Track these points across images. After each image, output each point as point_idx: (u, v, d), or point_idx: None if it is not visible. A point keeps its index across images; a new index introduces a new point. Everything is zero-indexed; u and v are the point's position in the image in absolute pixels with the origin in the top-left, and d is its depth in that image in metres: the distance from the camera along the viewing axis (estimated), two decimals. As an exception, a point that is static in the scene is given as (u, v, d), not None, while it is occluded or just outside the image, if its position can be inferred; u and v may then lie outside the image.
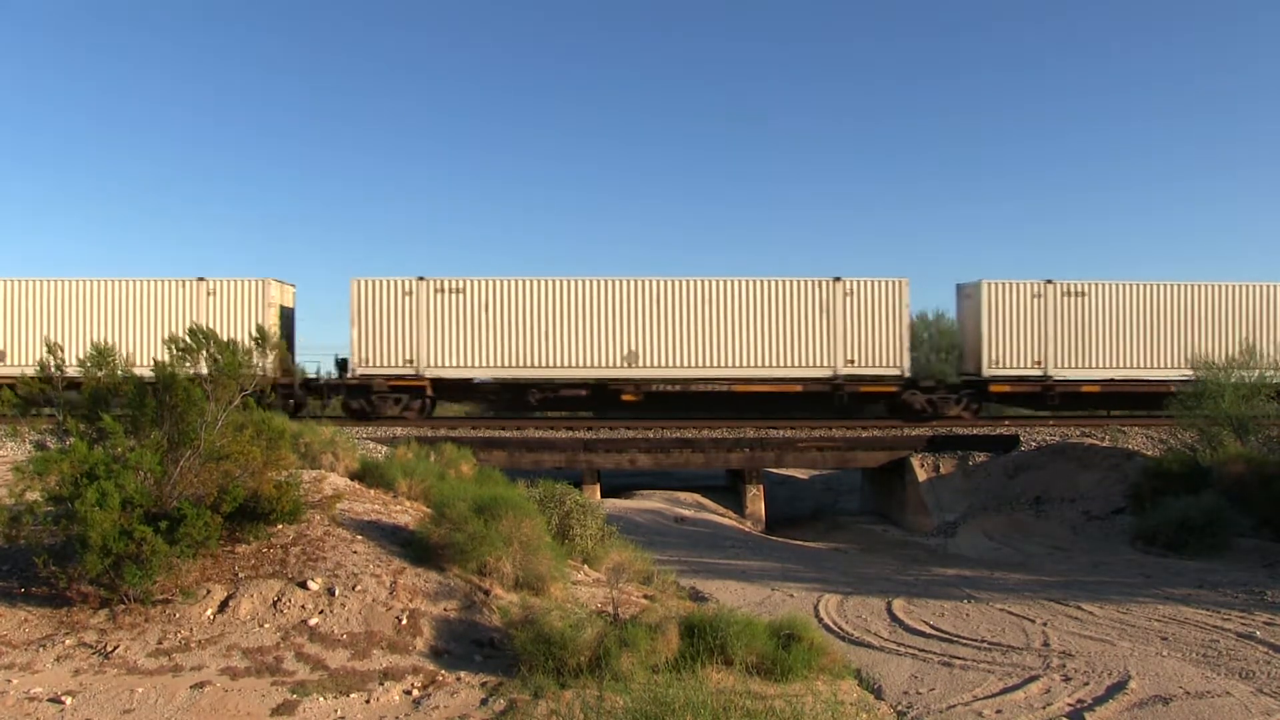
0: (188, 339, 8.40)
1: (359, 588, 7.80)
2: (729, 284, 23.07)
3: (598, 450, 21.54)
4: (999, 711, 6.59)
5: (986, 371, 23.04)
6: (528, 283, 23.06)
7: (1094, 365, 23.07)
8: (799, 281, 23.17)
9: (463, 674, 6.93)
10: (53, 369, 8.25)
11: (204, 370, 8.21)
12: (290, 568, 8.00)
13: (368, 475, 12.15)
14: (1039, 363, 23.02)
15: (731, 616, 7.39)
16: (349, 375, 22.97)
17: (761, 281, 23.18)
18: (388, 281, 23.00)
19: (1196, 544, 14.00)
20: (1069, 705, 6.68)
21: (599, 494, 20.51)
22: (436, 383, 23.04)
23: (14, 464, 7.80)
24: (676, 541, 15.73)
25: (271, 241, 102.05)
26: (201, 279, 23.09)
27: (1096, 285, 23.21)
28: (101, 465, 7.30)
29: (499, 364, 22.90)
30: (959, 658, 7.99)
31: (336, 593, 7.69)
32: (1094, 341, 23.07)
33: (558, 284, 23.05)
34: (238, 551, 8.21)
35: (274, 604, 7.50)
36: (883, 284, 23.08)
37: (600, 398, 23.25)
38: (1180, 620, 9.44)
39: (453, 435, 20.09)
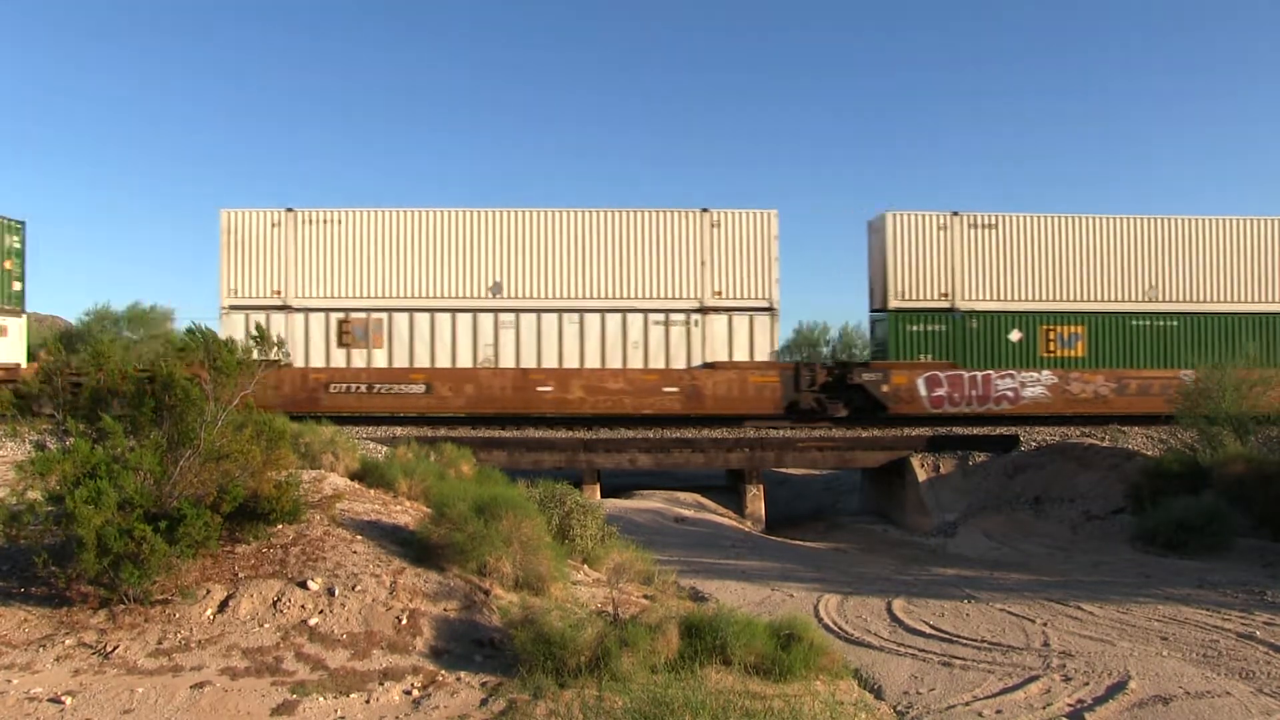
0: (185, 338, 8.40)
1: (359, 588, 7.80)
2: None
3: (598, 450, 21.54)
4: (999, 711, 6.60)
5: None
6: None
7: None
8: None
9: (463, 674, 6.93)
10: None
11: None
12: (290, 568, 8.00)
13: (368, 475, 12.14)
14: None
15: (731, 616, 7.39)
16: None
17: None
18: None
19: (1196, 544, 14.00)
20: (1069, 705, 6.68)
21: (599, 494, 20.51)
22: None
23: (15, 463, 7.80)
24: (676, 541, 15.72)
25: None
26: None
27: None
28: (103, 465, 7.30)
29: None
30: (959, 658, 8.00)
31: (336, 593, 7.70)
32: None
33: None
34: (237, 551, 8.20)
35: (274, 604, 7.50)
36: None
37: None
38: (1180, 620, 9.44)
39: (453, 435, 20.10)
